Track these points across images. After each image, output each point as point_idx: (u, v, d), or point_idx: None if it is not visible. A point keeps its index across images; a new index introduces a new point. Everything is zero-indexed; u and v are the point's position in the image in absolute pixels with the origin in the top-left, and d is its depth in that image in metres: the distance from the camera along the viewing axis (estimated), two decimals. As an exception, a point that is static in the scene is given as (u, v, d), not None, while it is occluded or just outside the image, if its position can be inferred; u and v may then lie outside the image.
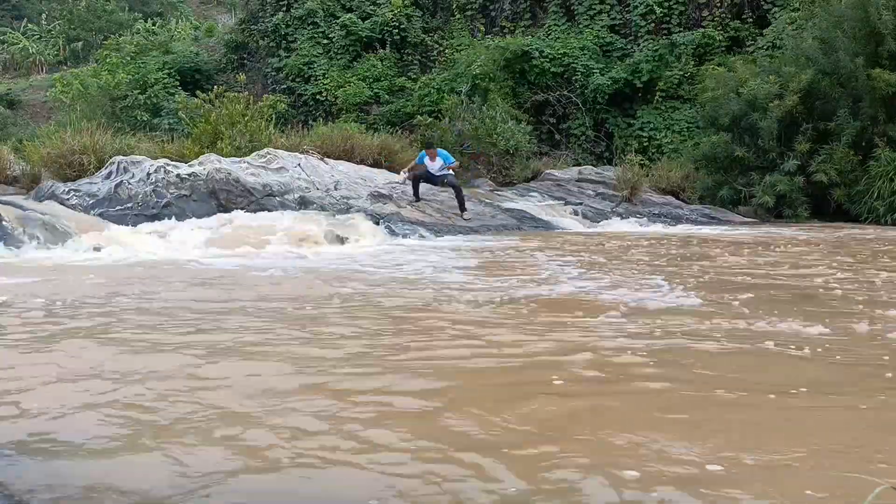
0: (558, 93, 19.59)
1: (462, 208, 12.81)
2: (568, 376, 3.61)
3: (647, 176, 16.29)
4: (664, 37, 19.66)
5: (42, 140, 14.75)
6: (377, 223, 11.55)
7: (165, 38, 27.61)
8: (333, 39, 21.81)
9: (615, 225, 13.77)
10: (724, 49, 19.35)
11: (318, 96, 21.04)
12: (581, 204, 14.96)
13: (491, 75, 18.98)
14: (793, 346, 4.25)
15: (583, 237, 11.71)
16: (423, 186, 13.14)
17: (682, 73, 19.04)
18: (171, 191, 11.63)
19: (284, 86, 21.54)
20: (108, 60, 21.13)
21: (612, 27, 20.64)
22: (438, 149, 13.30)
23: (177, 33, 32.42)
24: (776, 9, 19.14)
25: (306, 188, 12.61)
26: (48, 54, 36.88)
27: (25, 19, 40.23)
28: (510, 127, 17.15)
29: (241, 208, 11.63)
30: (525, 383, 3.55)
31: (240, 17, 26.26)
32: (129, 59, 21.80)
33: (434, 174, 12.92)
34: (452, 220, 12.70)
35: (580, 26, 20.71)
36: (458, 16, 22.33)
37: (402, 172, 13.36)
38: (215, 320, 4.99)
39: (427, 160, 12.98)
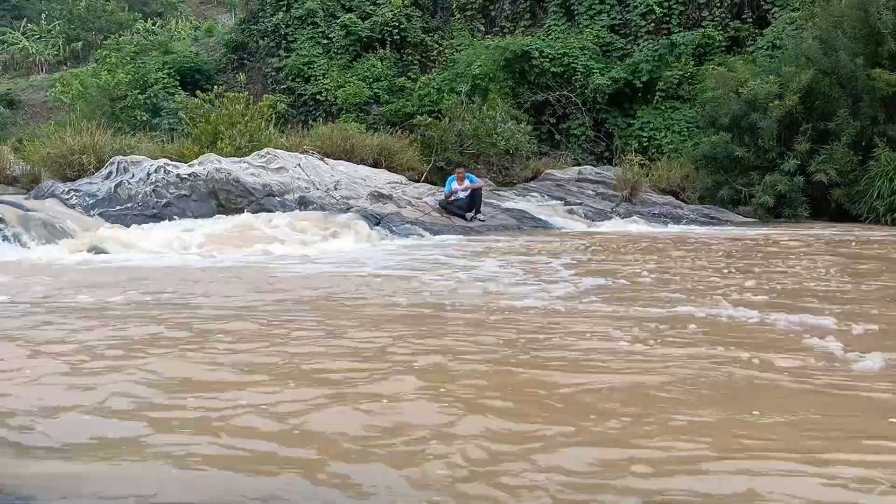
0: (558, 93, 19.60)
1: (478, 209, 12.85)
2: None
3: (647, 176, 16.29)
4: (664, 37, 19.67)
5: (42, 140, 14.74)
6: (377, 223, 11.56)
7: (165, 38, 27.65)
8: (333, 39, 21.82)
9: (633, 226, 13.61)
10: (724, 49, 19.37)
11: (318, 96, 21.05)
12: (581, 204, 14.97)
13: (491, 75, 18.98)
14: None
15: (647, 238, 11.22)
16: (423, 187, 13.15)
17: (682, 73, 19.05)
18: (170, 191, 11.63)
19: (284, 86, 21.55)
20: (107, 60, 21.12)
21: (612, 27, 20.65)
22: (467, 173, 13.43)
23: (177, 33, 32.46)
24: (776, 9, 19.16)
25: (306, 188, 12.61)
26: (48, 54, 36.92)
27: (25, 19, 40.25)
28: (510, 127, 17.15)
29: (241, 208, 11.64)
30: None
31: (240, 17, 26.27)
32: (128, 59, 21.80)
33: (459, 198, 12.99)
34: (451, 220, 12.70)
35: (580, 26, 20.72)
36: (458, 16, 22.33)
37: (428, 200, 13.31)
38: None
39: (455, 183, 13.11)
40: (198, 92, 16.11)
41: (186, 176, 11.87)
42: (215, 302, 5.62)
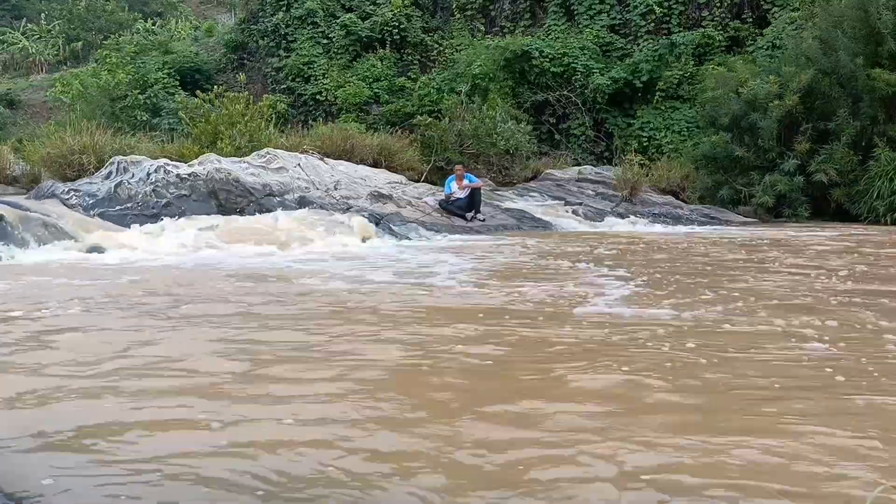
0: (558, 93, 19.59)
1: (477, 209, 12.83)
2: None
3: (647, 176, 16.29)
4: (664, 37, 19.67)
5: (42, 140, 14.74)
6: (377, 223, 11.55)
7: (165, 37, 27.64)
8: (333, 39, 21.81)
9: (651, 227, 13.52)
10: (724, 49, 19.37)
11: (317, 96, 21.04)
12: (581, 204, 14.97)
13: (491, 75, 18.97)
14: None
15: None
16: (423, 187, 13.16)
17: (682, 73, 19.04)
18: (170, 191, 11.62)
19: (284, 86, 21.54)
20: (107, 60, 21.11)
21: (612, 27, 20.65)
22: (466, 172, 13.39)
23: (176, 33, 32.46)
24: (776, 9, 19.16)
25: (306, 188, 12.61)
26: (48, 54, 36.89)
27: (25, 19, 40.23)
28: (510, 127, 17.15)
29: (241, 208, 11.63)
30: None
31: (240, 17, 26.26)
32: (128, 59, 21.78)
33: (459, 198, 12.95)
34: (451, 220, 12.70)
35: (580, 26, 20.72)
36: (457, 16, 22.32)
37: (428, 200, 13.28)
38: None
39: (454, 184, 13.06)
40: (198, 92, 16.10)
41: (186, 176, 11.85)
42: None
